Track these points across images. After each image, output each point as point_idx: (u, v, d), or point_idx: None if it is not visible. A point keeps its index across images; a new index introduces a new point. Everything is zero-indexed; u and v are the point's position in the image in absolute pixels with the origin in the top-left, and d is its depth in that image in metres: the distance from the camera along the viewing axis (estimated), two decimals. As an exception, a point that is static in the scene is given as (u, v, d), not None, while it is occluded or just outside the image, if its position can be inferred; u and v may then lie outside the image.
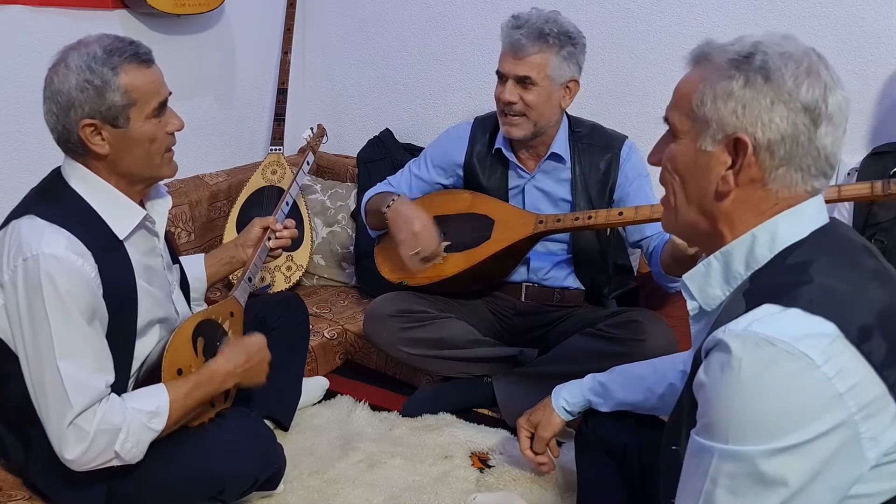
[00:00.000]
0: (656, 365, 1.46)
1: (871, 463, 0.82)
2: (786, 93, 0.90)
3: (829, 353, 0.81)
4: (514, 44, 1.88)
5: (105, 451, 1.31)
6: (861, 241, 0.98)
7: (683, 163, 0.98)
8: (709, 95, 0.93)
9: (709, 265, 0.98)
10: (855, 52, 2.14)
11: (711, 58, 0.95)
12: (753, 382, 0.81)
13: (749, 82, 0.91)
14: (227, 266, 1.82)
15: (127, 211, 1.42)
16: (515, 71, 1.89)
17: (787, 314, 0.83)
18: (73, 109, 1.32)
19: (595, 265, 2.08)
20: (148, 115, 1.37)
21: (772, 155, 0.91)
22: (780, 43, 0.93)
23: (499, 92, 1.95)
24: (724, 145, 0.93)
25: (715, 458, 0.85)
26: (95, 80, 1.31)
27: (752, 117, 0.90)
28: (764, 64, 0.90)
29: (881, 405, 0.82)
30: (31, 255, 1.27)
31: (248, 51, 2.83)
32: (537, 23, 1.87)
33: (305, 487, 1.73)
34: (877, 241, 1.85)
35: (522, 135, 1.95)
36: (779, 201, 0.94)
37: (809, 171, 0.92)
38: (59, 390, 1.27)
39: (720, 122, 0.92)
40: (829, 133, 0.91)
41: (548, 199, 2.05)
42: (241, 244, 1.82)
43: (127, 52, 1.34)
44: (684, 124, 0.97)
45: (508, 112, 1.94)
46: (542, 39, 1.86)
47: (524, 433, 1.61)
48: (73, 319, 1.28)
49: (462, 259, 2.02)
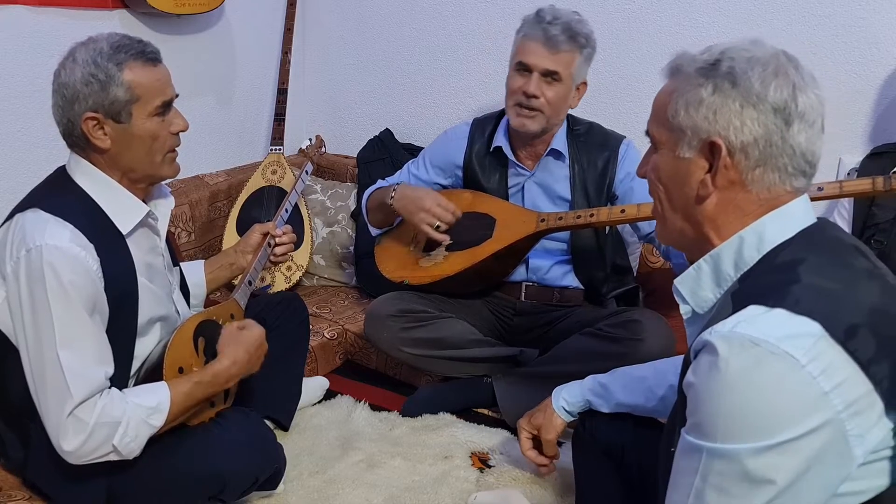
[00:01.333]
0: (657, 367, 1.46)
1: (858, 461, 0.83)
2: (754, 95, 0.93)
3: (814, 352, 0.82)
4: (550, 38, 1.86)
5: (103, 445, 1.31)
6: (851, 241, 0.99)
7: (665, 172, 1.02)
8: (681, 105, 0.97)
9: (699, 269, 1.00)
10: (855, 52, 2.14)
11: (682, 69, 0.99)
12: (739, 382, 0.83)
13: (717, 89, 0.94)
14: (226, 272, 1.82)
15: (130, 206, 1.43)
16: (546, 65, 1.88)
17: (772, 314, 0.85)
18: (78, 102, 1.34)
19: (594, 264, 2.08)
20: (151, 112, 1.38)
21: (747, 157, 0.94)
22: (747, 48, 0.96)
23: (520, 83, 1.92)
24: (700, 151, 0.97)
25: (704, 456, 0.86)
26: (100, 74, 1.33)
27: (725, 122, 0.94)
28: (731, 70, 0.94)
29: (867, 403, 0.83)
30: (35, 246, 1.28)
31: (248, 51, 2.83)
32: (570, 21, 1.88)
33: (305, 487, 1.73)
34: (876, 241, 1.86)
35: (537, 128, 1.94)
36: (761, 202, 0.96)
37: (787, 171, 0.94)
38: (60, 380, 1.28)
39: (694, 129, 0.96)
40: (803, 131, 0.93)
41: (546, 195, 2.05)
42: (241, 250, 1.83)
43: (133, 50, 1.36)
44: (662, 135, 1.01)
45: (526, 105, 1.92)
46: (574, 39, 1.88)
47: (525, 434, 1.61)
48: (75, 309, 1.29)
49: (464, 258, 2.02)
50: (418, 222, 2.01)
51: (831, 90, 2.20)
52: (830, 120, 2.48)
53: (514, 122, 1.96)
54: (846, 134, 2.20)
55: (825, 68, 2.18)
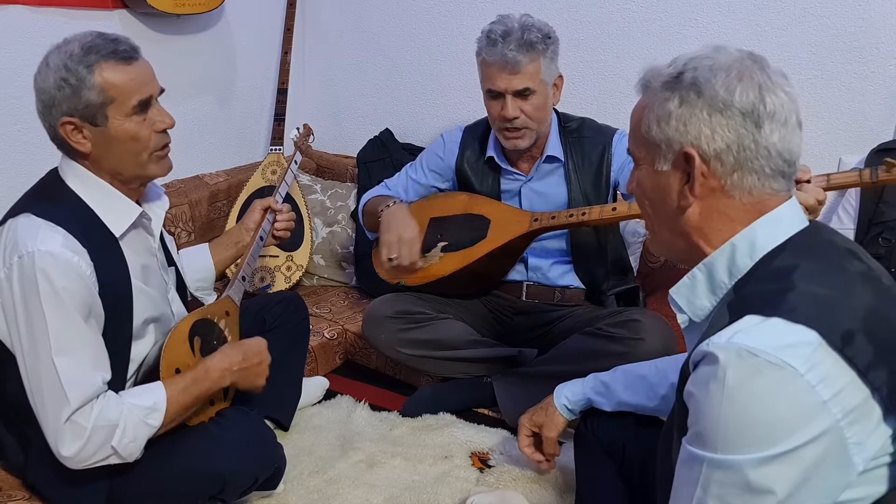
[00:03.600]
0: (658, 365, 1.46)
1: (858, 469, 0.83)
2: (720, 102, 0.94)
3: (812, 361, 0.82)
4: (507, 60, 1.84)
5: (102, 448, 1.31)
6: (844, 243, 0.98)
7: (648, 187, 1.04)
8: (653, 120, 0.99)
9: (693, 278, 1.01)
10: (855, 52, 2.14)
11: (650, 84, 1.01)
12: (739, 393, 0.83)
13: (684, 100, 0.96)
14: (232, 250, 1.83)
15: (123, 208, 1.43)
16: (514, 86, 1.87)
17: (769, 324, 0.85)
18: (54, 108, 1.33)
19: (593, 262, 2.08)
20: (128, 112, 1.36)
21: (722, 163, 0.95)
22: (710, 55, 0.97)
23: (497, 109, 1.92)
24: (675, 163, 0.98)
25: (705, 466, 0.86)
26: (71, 78, 1.31)
27: (695, 132, 0.95)
28: (694, 80, 0.95)
29: (866, 410, 0.83)
30: (27, 253, 1.27)
31: (248, 51, 2.83)
32: (520, 33, 1.85)
33: (305, 487, 1.73)
34: (883, 239, 1.84)
35: (529, 143, 1.96)
36: (745, 207, 0.96)
37: (764, 172, 0.95)
38: (56, 386, 1.28)
39: (668, 142, 0.98)
40: (775, 130, 0.94)
41: (544, 199, 2.05)
42: (245, 228, 1.83)
43: (105, 50, 1.33)
44: (640, 151, 1.03)
45: (510, 127, 1.92)
46: (531, 48, 1.85)
47: (525, 431, 1.61)
48: (70, 315, 1.28)
49: (458, 258, 2.03)
50: (382, 243, 2.03)
51: (831, 90, 2.20)
52: (830, 120, 2.48)
53: (506, 145, 1.98)
54: (846, 134, 2.20)
55: (825, 68, 2.18)
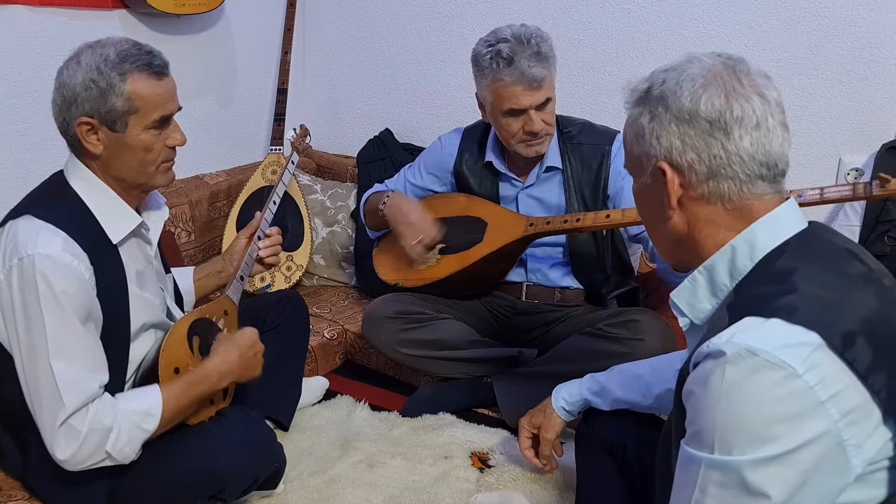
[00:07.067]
0: (654, 364, 1.47)
1: (856, 471, 0.83)
2: (686, 113, 0.95)
3: (811, 362, 0.81)
4: (530, 77, 1.80)
5: (97, 452, 1.31)
6: (844, 244, 0.98)
7: (639, 199, 1.08)
8: (632, 136, 1.02)
9: (694, 280, 1.01)
10: (855, 52, 2.14)
11: (628, 100, 1.03)
12: (736, 392, 0.82)
13: (653, 115, 0.97)
14: (214, 279, 1.81)
15: (123, 216, 1.43)
16: (537, 100, 1.84)
17: (769, 325, 0.85)
18: (75, 105, 1.33)
19: (592, 266, 2.07)
20: (148, 125, 1.37)
21: (696, 173, 0.96)
22: (680, 66, 0.98)
23: (517, 126, 1.87)
24: (654, 176, 0.99)
25: (702, 467, 0.86)
26: (101, 81, 1.32)
27: (667, 144, 0.96)
28: (661, 94, 0.97)
29: (865, 411, 0.83)
30: (27, 255, 1.27)
31: (248, 51, 2.83)
32: (534, 46, 1.81)
33: (305, 487, 1.73)
34: (889, 238, 1.83)
35: (548, 147, 1.96)
36: (729, 212, 0.97)
37: (739, 178, 0.95)
38: (53, 390, 1.28)
39: (647, 156, 0.99)
40: (745, 135, 0.93)
41: (542, 205, 2.04)
42: (228, 258, 1.82)
43: (140, 62, 1.34)
44: (629, 165, 1.06)
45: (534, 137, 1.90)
46: (546, 60, 1.83)
47: (525, 433, 1.62)
48: (68, 319, 1.28)
49: (455, 261, 2.03)
50: (400, 234, 2.02)
51: (831, 90, 2.20)
52: (830, 120, 2.48)
53: (528, 153, 1.93)
54: (846, 134, 2.20)
55: (825, 68, 2.18)
